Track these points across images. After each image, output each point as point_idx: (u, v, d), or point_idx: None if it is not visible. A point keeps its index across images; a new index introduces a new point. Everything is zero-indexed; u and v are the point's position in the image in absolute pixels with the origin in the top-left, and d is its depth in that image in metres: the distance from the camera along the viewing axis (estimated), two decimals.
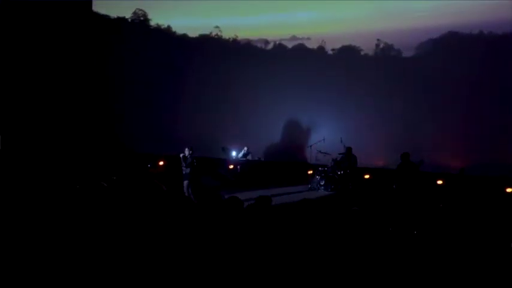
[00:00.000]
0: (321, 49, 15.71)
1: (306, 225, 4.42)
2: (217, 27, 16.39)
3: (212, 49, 16.47)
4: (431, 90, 14.02)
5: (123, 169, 13.50)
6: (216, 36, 16.57)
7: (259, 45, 16.33)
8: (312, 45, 15.83)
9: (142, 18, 17.16)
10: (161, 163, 15.57)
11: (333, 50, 15.65)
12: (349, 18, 15.43)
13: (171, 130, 15.89)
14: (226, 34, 16.47)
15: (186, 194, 11.36)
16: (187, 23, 16.59)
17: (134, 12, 17.10)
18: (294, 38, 16.02)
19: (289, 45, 16.07)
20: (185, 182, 11.59)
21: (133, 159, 15.08)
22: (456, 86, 13.72)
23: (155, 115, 16.30)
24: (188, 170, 11.60)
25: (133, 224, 4.10)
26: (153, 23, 17.05)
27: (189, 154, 11.60)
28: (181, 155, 11.73)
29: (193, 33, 16.42)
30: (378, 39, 14.99)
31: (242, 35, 16.38)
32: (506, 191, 12.25)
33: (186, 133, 15.36)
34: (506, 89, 13.26)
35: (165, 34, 16.99)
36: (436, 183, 12.92)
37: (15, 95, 14.13)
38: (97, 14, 16.49)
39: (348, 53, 15.39)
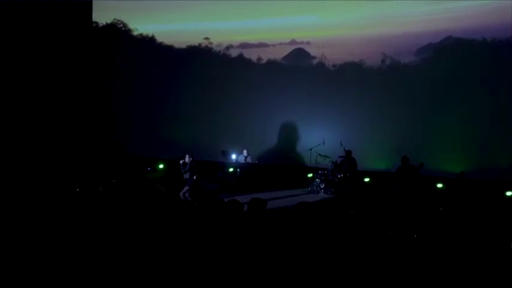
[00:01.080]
0: (321, 53, 15.69)
1: (303, 228, 4.41)
2: (206, 38, 16.36)
3: (210, 53, 16.47)
4: (432, 94, 13.99)
5: (123, 172, 13.52)
6: (213, 41, 16.53)
7: (259, 48, 16.31)
8: (311, 49, 15.82)
9: (123, 28, 16.96)
10: (161, 166, 15.60)
11: (333, 62, 15.47)
12: (347, 22, 15.40)
13: (171, 133, 15.89)
14: (225, 38, 16.46)
15: (182, 198, 11.50)
16: (179, 27, 16.61)
17: (113, 23, 16.92)
18: (293, 42, 16.02)
19: (289, 49, 16.05)
20: (185, 188, 11.74)
21: (133, 163, 15.09)
22: (457, 90, 13.70)
23: (154, 118, 16.29)
24: (188, 176, 11.79)
25: (133, 227, 4.10)
26: (136, 33, 16.93)
27: (189, 161, 11.78)
28: (181, 162, 11.88)
29: (188, 39, 16.39)
30: (378, 46, 14.93)
31: (240, 39, 16.37)
32: (505, 195, 12.27)
33: (186, 136, 15.36)
34: (507, 92, 13.23)
35: (164, 38, 16.97)
36: (436, 186, 12.94)
37: (13, 99, 14.14)
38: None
39: (347, 58, 15.37)
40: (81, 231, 4.18)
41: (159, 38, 16.72)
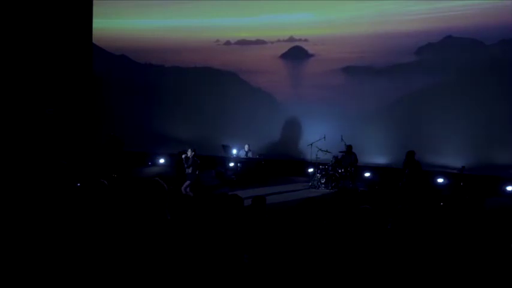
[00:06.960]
0: (319, 51, 15.66)
1: (308, 223, 4.41)
2: (204, 34, 16.33)
3: (210, 49, 16.45)
4: (431, 91, 13.99)
5: (123, 167, 13.56)
6: (211, 38, 16.51)
7: (257, 45, 16.26)
8: (309, 47, 15.76)
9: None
10: (162, 161, 15.65)
11: (331, 60, 15.43)
12: (346, 20, 15.31)
13: (172, 127, 15.91)
14: (223, 35, 16.41)
15: (184, 192, 11.57)
16: (178, 24, 16.58)
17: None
18: (291, 39, 15.95)
19: (287, 46, 15.99)
20: (187, 182, 11.78)
21: (133, 158, 15.13)
22: (457, 88, 13.68)
23: (155, 113, 16.30)
24: (190, 170, 11.82)
25: (134, 222, 4.11)
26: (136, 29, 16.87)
27: (191, 155, 11.80)
28: (183, 156, 11.92)
29: (187, 35, 16.34)
30: (378, 44, 14.87)
31: (238, 36, 16.31)
32: (506, 190, 12.31)
33: (187, 131, 15.36)
34: (506, 90, 13.20)
35: (163, 34, 16.96)
36: (437, 181, 12.96)
37: (14, 97, 14.17)
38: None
39: (346, 56, 15.34)
40: (84, 225, 4.19)
41: (159, 34, 16.70)
